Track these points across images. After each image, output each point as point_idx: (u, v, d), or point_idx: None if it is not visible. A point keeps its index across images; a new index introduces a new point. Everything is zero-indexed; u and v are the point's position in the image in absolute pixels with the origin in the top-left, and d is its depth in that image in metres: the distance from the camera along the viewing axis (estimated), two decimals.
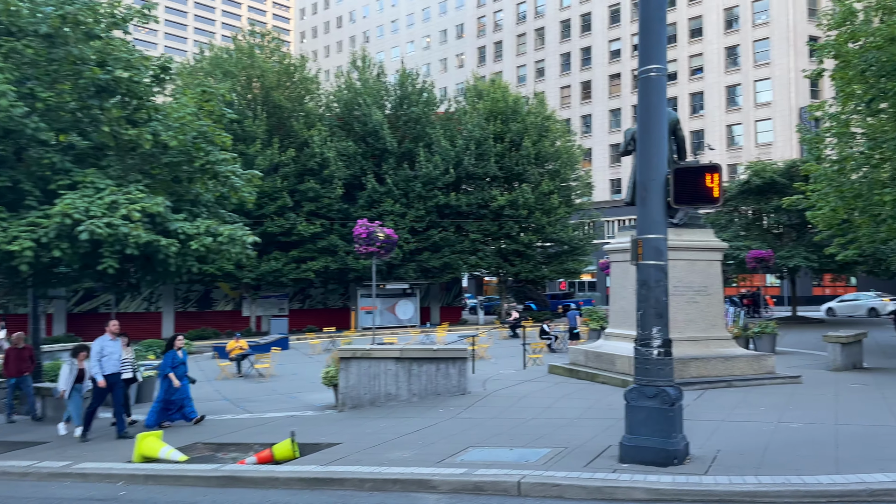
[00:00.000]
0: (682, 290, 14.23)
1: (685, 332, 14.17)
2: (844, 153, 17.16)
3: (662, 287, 7.77)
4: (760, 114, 58.61)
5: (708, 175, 7.62)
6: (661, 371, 7.63)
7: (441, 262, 39.44)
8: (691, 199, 7.69)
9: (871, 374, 15.49)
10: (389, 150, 38.27)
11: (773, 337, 22.35)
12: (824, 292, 57.61)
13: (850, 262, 34.27)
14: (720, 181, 7.61)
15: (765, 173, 35.21)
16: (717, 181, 7.58)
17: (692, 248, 14.42)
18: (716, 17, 61.62)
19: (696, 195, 7.66)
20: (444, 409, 11.92)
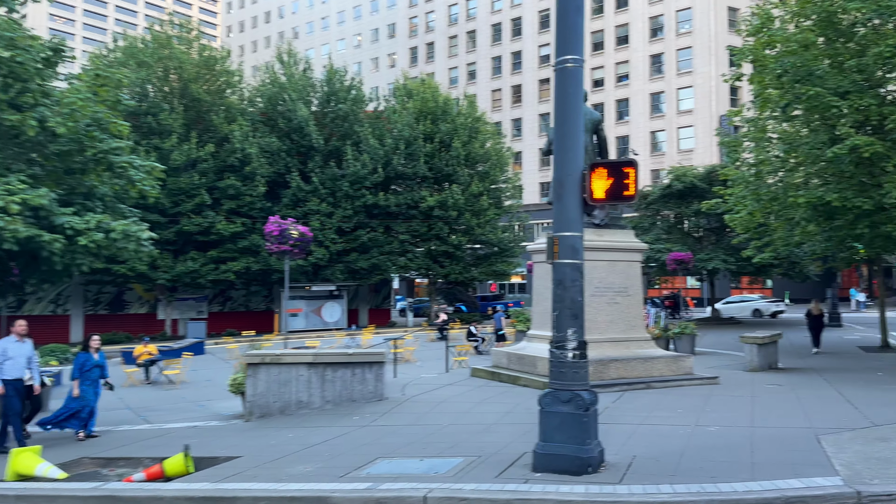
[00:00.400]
0: (603, 290, 14.10)
1: (606, 334, 14.06)
2: (761, 157, 17.50)
3: (578, 287, 7.43)
4: (683, 121, 60.35)
5: (625, 171, 7.32)
6: (577, 374, 7.29)
7: (369, 264, 38.70)
8: (608, 196, 7.38)
9: (785, 375, 15.77)
10: (316, 147, 37.27)
11: (692, 338, 22.72)
12: (742, 294, 59.85)
13: (766, 265, 35.52)
14: (636, 178, 7.33)
15: (685, 178, 36.09)
16: (633, 178, 7.30)
17: (613, 249, 14.31)
18: (641, 25, 63.12)
19: (614, 193, 7.36)
20: (359, 417, 11.32)
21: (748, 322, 38.36)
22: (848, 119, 14.33)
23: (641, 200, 38.74)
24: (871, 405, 10.88)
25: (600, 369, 13.32)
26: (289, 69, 40.33)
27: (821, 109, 14.86)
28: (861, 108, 14.19)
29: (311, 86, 40.27)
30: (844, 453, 7.52)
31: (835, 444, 7.95)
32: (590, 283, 14.00)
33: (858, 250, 22.02)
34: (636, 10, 63.39)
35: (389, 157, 38.31)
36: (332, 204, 37.39)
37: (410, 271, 44.26)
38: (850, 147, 13.67)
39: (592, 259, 14.03)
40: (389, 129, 40.01)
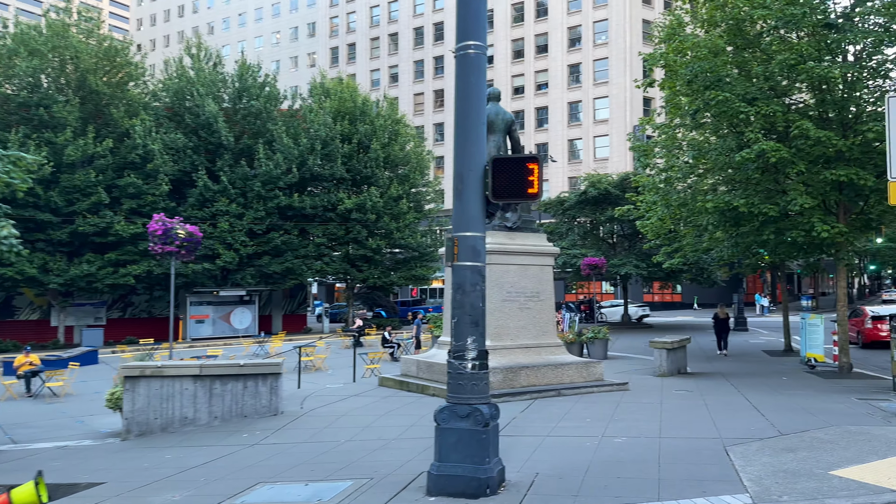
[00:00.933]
0: (515, 296, 13.68)
1: (517, 340, 13.63)
2: (671, 163, 17.61)
3: (479, 292, 6.84)
4: (599, 130, 61.59)
5: (529, 166, 6.80)
6: (476, 387, 6.69)
7: (283, 267, 37.21)
8: (511, 194, 6.84)
9: (694, 380, 15.80)
10: (225, 145, 35.56)
11: (605, 342, 22.77)
12: (653, 299, 61.53)
13: (676, 270, 36.43)
14: (540, 174, 6.82)
15: (600, 185, 36.57)
16: (537, 174, 6.78)
17: (525, 253, 13.93)
18: (560, 35, 64.10)
19: (516, 189, 6.82)
20: (249, 435, 10.37)
21: (659, 326, 39.20)
22: (755, 125, 14.49)
23: (558, 206, 39.06)
24: (777, 412, 10.83)
25: (510, 377, 12.87)
26: (198, 63, 38.40)
27: (729, 115, 14.98)
28: (768, 115, 14.37)
29: (221, 81, 38.49)
30: (753, 466, 7.24)
31: (743, 457, 7.69)
32: (501, 287, 13.59)
33: (763, 256, 22.67)
34: (555, 19, 64.34)
35: (305, 157, 37.02)
36: (242, 205, 35.76)
37: (327, 276, 42.99)
38: (757, 152, 13.80)
39: (504, 263, 13.63)
40: (305, 128, 38.70)
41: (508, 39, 66.98)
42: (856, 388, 13.90)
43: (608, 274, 36.02)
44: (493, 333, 13.35)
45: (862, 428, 9.09)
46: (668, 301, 61.66)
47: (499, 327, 13.43)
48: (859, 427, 9.17)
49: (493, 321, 13.36)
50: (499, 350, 13.26)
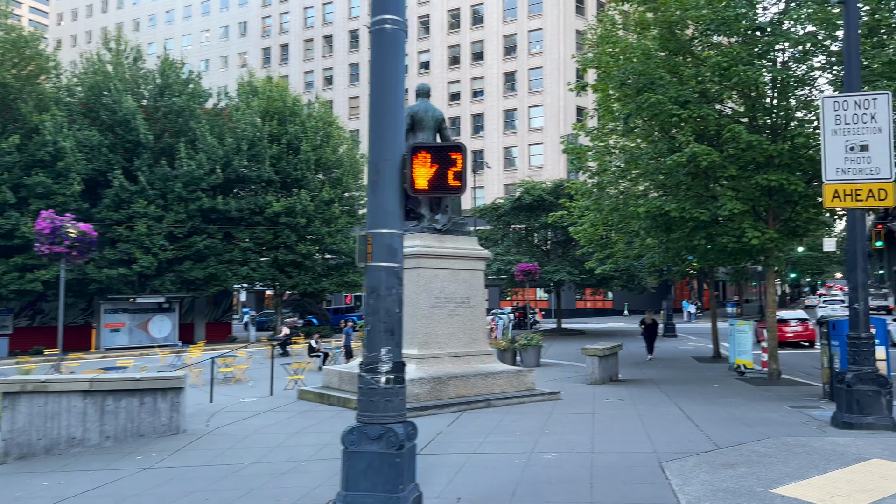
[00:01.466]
0: (444, 301, 12.98)
1: (446, 348, 12.93)
2: (603, 167, 17.32)
3: (396, 296, 6.07)
4: (534, 138, 61.92)
5: (452, 156, 6.09)
6: (390, 404, 5.91)
7: (206, 273, 35.43)
8: (431, 184, 6.11)
9: (626, 388, 15.46)
10: (144, 143, 33.64)
11: (538, 349, 22.39)
12: (586, 306, 62.18)
13: (608, 277, 36.63)
14: (465, 165, 6.12)
15: (534, 191, 36.46)
16: (461, 165, 6.08)
17: (455, 257, 13.26)
18: (496, 42, 64.24)
19: (438, 182, 6.09)
20: (143, 457, 9.26)
21: (590, 332, 39.33)
22: (687, 129, 14.31)
23: (493, 212, 38.76)
24: (711, 422, 10.47)
25: (438, 388, 12.14)
26: (116, 58, 36.30)
27: (661, 119, 14.77)
28: (700, 119, 14.21)
29: (142, 77, 36.52)
30: (691, 486, 6.72)
31: (680, 474, 7.17)
32: (429, 293, 12.86)
33: (692, 263, 22.74)
34: (491, 27, 64.46)
35: (230, 157, 35.42)
36: (162, 207, 33.88)
37: (254, 282, 41.35)
38: (688, 155, 13.58)
39: (433, 267, 12.93)
40: (232, 128, 37.08)
41: (444, 46, 66.71)
42: (787, 395, 13.81)
43: (542, 280, 35.89)
44: (420, 342, 12.62)
45: (799, 440, 8.77)
46: (600, 308, 62.46)
47: (427, 335, 12.70)
48: (796, 439, 8.84)
49: (420, 329, 12.65)
50: (426, 359, 12.53)
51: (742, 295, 71.04)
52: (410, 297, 12.77)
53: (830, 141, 9.57)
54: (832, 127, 9.58)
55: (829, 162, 9.55)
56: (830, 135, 9.59)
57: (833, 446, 8.26)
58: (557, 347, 29.00)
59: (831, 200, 9.56)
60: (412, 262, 12.80)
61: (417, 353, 12.47)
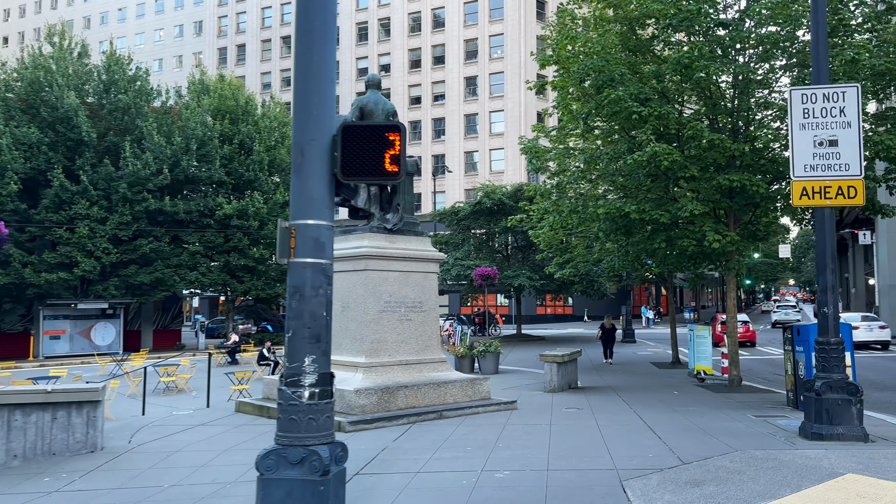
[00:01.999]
0: (394, 306, 12.19)
1: (396, 356, 12.13)
2: (562, 167, 16.73)
3: (323, 298, 5.27)
4: (495, 143, 61.59)
5: (389, 137, 5.32)
6: (314, 423, 5.10)
7: (152, 278, 33.86)
8: (366, 171, 5.33)
9: (585, 395, 14.87)
10: (87, 141, 32.04)
11: (496, 356, 21.77)
12: (546, 312, 61.95)
13: (567, 282, 36.25)
14: (403, 147, 5.36)
15: (495, 195, 35.93)
16: (399, 147, 5.33)
17: (407, 258, 12.48)
18: (457, 46, 63.80)
19: (373, 166, 5.32)
20: (52, 478, 8.24)
21: (551, 338, 38.91)
22: (647, 127, 13.80)
23: (453, 216, 38.09)
24: (674, 433, 9.88)
25: (387, 399, 11.33)
26: (59, 53, 34.61)
27: (622, 117, 14.26)
28: (661, 116, 13.73)
29: (87, 74, 34.87)
30: None
31: (643, 495, 6.50)
32: (379, 296, 12.06)
33: (651, 268, 22.36)
34: (452, 31, 64.02)
35: (178, 157, 33.99)
36: (106, 208, 32.30)
37: (205, 287, 39.83)
38: (649, 154, 13.07)
39: (383, 269, 12.15)
40: (181, 126, 35.64)
41: (405, 49, 66.03)
42: (749, 402, 13.36)
43: (501, 285, 35.34)
44: (368, 349, 11.80)
45: (768, 453, 8.21)
46: (560, 313, 62.30)
47: (375, 342, 11.89)
48: (765, 452, 8.28)
49: (368, 335, 11.83)
50: (374, 368, 11.71)
51: (699, 301, 71.81)
52: (358, 301, 11.97)
53: (798, 135, 9.11)
54: (800, 121, 9.12)
55: (798, 157, 9.08)
56: (798, 129, 9.12)
57: (804, 460, 7.72)
58: (517, 354, 28.41)
59: (799, 198, 9.09)
60: (361, 263, 12.00)
61: (365, 362, 11.65)
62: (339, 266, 12.43)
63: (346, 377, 11.47)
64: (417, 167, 13.09)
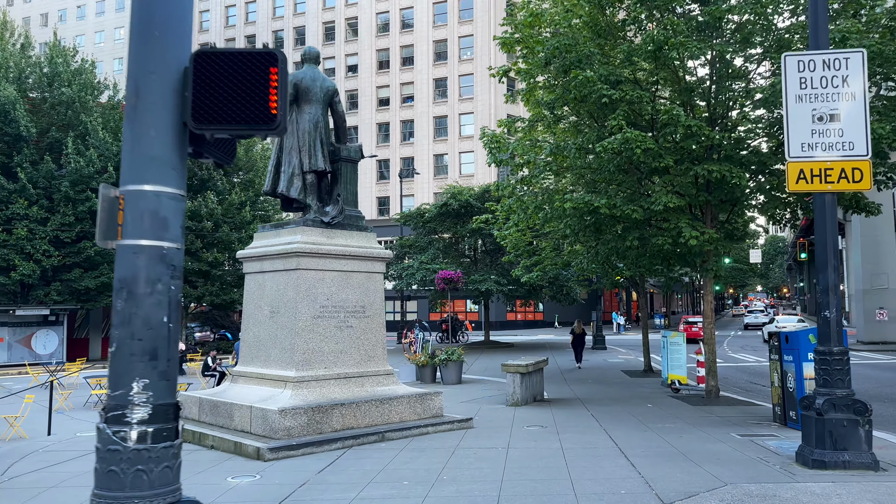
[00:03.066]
0: (333, 311, 10.63)
1: (334, 368, 10.57)
2: (526, 158, 15.26)
3: (164, 297, 3.71)
4: (464, 146, 60.34)
5: (266, 71, 3.81)
6: (144, 478, 3.53)
7: (98, 283, 31.70)
8: (231, 117, 3.81)
9: (550, 409, 13.44)
10: (25, 137, 29.93)
11: (459, 364, 20.33)
12: (517, 318, 60.67)
13: (537, 287, 34.94)
14: (285, 86, 3.85)
15: (461, 196, 34.50)
16: (279, 85, 3.81)
17: (348, 256, 10.94)
18: (426, 47, 62.51)
19: (242, 109, 3.80)
20: None
21: (520, 345, 37.55)
22: (619, 112, 12.45)
23: (418, 219, 36.57)
24: (650, 459, 8.46)
25: (319, 419, 9.74)
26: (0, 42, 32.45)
27: (591, 102, 12.90)
28: (633, 101, 12.41)
29: (29, 66, 32.72)
30: None
31: None
32: (314, 300, 10.50)
33: (622, 271, 21.07)
34: (421, 32, 62.73)
35: None
36: (47, 208, 30.19)
37: None
38: (621, 142, 11.72)
39: (319, 269, 10.59)
40: None
41: (373, 49, 64.54)
42: (731, 418, 12.03)
43: (467, 290, 33.89)
44: (300, 361, 10.21)
45: (764, 487, 6.82)
46: (531, 319, 61.04)
47: (309, 352, 10.31)
48: (761, 486, 6.88)
49: (300, 344, 10.25)
50: (306, 383, 10.13)
51: (669, 307, 71.19)
52: (288, 306, 10.39)
53: (794, 109, 7.79)
54: (796, 92, 7.81)
55: (793, 135, 7.76)
56: (794, 101, 7.81)
57: (810, 498, 6.34)
58: (483, 361, 26.98)
59: (796, 183, 7.77)
60: (292, 261, 10.43)
61: (295, 376, 10.06)
62: (269, 265, 10.86)
63: (271, 395, 9.88)
64: (361, 153, 11.57)
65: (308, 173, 10.89)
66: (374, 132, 63.66)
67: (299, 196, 10.82)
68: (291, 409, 9.38)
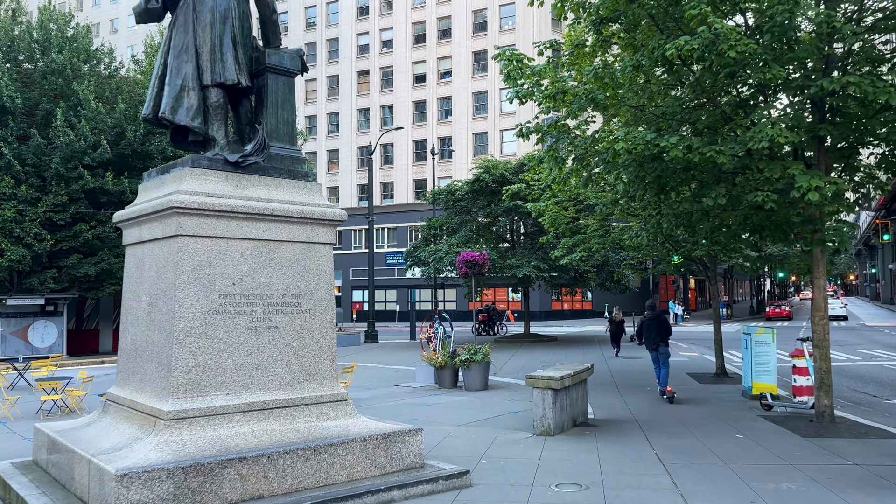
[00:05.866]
0: (244, 303, 6.72)
1: (242, 395, 6.66)
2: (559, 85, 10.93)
3: None
4: (506, 123, 56.11)
5: None
6: None
7: (98, 269, 28.82)
8: None
9: (595, 444, 9.36)
10: (9, 108, 27.11)
11: (485, 366, 16.43)
12: (563, 307, 56.16)
13: (583, 273, 30.57)
14: None
15: (495, 170, 30.38)
16: None
17: (271, 217, 7.01)
18: (465, 18, 58.44)
19: None
20: None
21: (564, 338, 33.25)
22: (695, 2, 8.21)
23: (448, 197, 32.54)
24: None
25: (196, 487, 5.79)
26: None
27: None
28: None
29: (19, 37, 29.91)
30: None
31: None
32: (209, 286, 6.49)
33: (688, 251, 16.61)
34: (459, 2, 58.58)
35: (123, 126, 28.85)
36: (37, 187, 27.39)
37: None
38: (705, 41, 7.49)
39: (218, 235, 6.59)
40: (129, 91, 30.44)
41: (409, 22, 60.67)
42: (875, 462, 7.74)
43: (503, 276, 29.81)
44: (180, 384, 6.29)
45: None
46: (578, 309, 56.46)
47: (198, 369, 6.41)
48: None
49: (182, 356, 6.33)
50: (190, 421, 6.20)
51: (732, 294, 65.44)
52: (167, 294, 6.52)
53: None
54: None
55: None
56: None
57: None
58: (520, 358, 22.96)
59: None
60: (171, 225, 6.52)
61: (170, 410, 6.17)
62: (148, 232, 7.01)
63: (130, 440, 6.06)
64: (300, 61, 7.57)
65: (212, 88, 6.98)
66: (410, 111, 60.00)
67: (194, 123, 6.91)
68: (143, 472, 5.48)
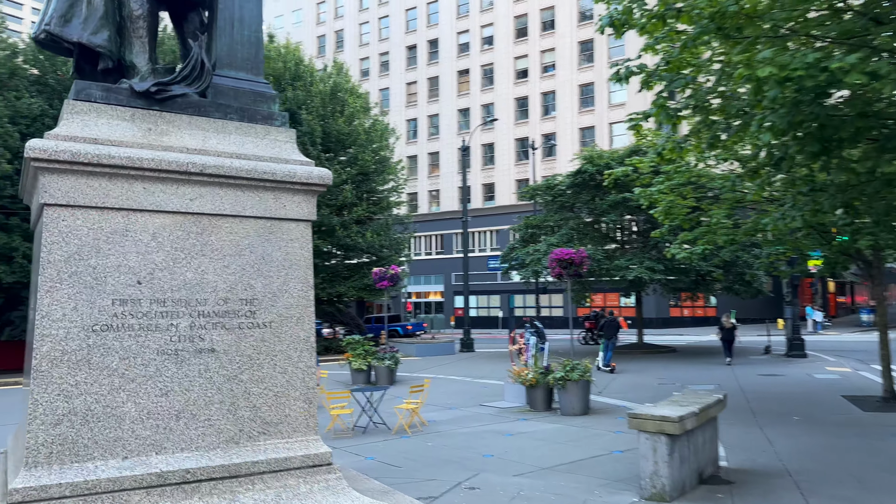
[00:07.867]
0: (154, 311, 4.21)
1: (153, 459, 4.10)
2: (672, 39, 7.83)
3: None
4: (615, 115, 52.19)
5: None
6: None
7: None
8: None
9: None
10: None
11: (585, 385, 13.55)
12: (682, 313, 51.24)
13: (705, 275, 26.63)
14: None
15: (600, 160, 27.03)
16: None
17: (203, 177, 4.46)
18: (569, 8, 55.20)
19: None
20: None
21: (684, 350, 29.26)
22: None
23: (547, 192, 29.49)
24: None
25: None
26: None
27: None
28: None
29: None
30: None
31: None
32: (96, 284, 3.77)
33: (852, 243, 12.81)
34: None
35: None
36: None
37: None
38: None
39: (116, 206, 4.00)
40: None
41: (511, 17, 58.09)
42: None
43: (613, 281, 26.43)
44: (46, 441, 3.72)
45: None
46: (700, 316, 51.22)
47: (75, 416, 3.88)
48: None
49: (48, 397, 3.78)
50: None
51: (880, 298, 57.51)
52: (31, 296, 4.15)
53: None
54: None
55: None
56: None
57: None
58: (631, 374, 19.74)
59: None
60: (34, 190, 4.14)
61: (21, 486, 3.79)
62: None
63: None
64: None
65: None
66: (512, 108, 57.35)
67: (96, 39, 4.51)
68: None
